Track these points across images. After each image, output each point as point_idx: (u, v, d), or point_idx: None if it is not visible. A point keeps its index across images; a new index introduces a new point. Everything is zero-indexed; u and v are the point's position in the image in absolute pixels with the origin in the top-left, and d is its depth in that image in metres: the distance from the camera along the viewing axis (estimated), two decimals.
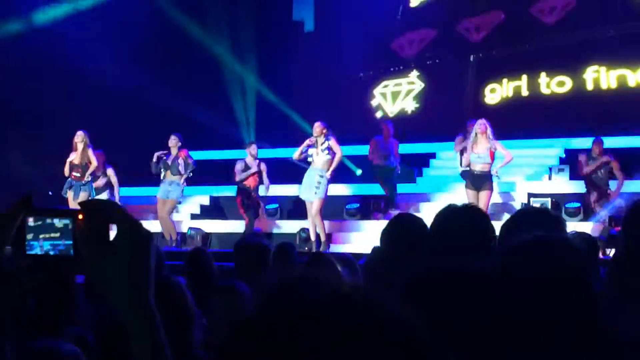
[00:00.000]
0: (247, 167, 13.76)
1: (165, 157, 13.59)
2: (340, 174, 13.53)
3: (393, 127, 14.17)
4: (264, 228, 14.14)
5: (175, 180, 13.45)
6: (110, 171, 14.04)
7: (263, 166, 13.79)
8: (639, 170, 13.49)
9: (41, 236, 1.48)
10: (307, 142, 12.78)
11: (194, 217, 15.78)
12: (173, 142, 13.56)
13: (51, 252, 1.48)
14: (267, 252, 5.66)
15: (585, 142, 13.79)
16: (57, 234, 1.47)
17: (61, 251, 1.47)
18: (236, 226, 14.26)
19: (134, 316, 1.38)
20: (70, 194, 13.35)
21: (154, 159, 13.62)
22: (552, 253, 2.00)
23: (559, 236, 2.13)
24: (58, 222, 1.47)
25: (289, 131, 17.41)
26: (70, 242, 1.47)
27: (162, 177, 13.61)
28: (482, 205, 11.79)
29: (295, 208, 15.43)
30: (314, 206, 12.52)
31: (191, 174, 13.60)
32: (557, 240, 2.07)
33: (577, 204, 13.42)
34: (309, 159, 12.81)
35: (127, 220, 1.41)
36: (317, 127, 12.77)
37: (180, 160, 13.45)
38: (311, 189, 12.57)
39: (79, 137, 13.38)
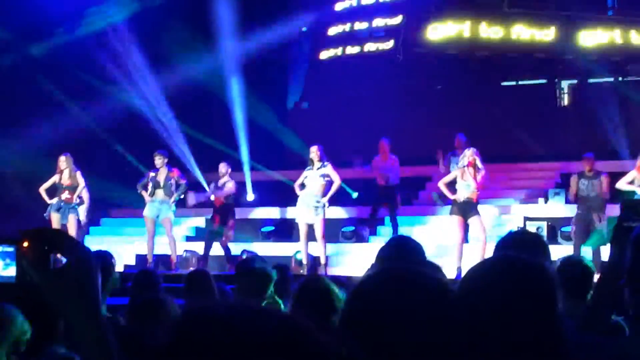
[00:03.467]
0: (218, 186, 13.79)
1: (154, 175, 13.51)
2: (336, 196, 13.50)
3: (389, 143, 14.09)
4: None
5: (166, 200, 13.37)
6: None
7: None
8: None
9: None
10: (305, 172, 12.82)
11: (189, 239, 15.77)
12: (159, 160, 13.48)
13: None
14: (270, 278, 5.64)
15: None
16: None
17: (1, 278, 1.52)
18: (231, 249, 14.21)
19: (86, 329, 1.48)
20: (55, 216, 13.25)
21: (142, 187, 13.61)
22: (512, 273, 1.96)
23: (526, 258, 2.02)
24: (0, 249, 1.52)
25: (281, 154, 17.47)
26: (9, 270, 1.51)
27: (150, 195, 13.45)
28: (479, 230, 11.77)
29: (291, 230, 15.43)
30: (317, 228, 12.46)
31: (182, 195, 13.58)
32: (521, 261, 2.01)
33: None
34: (305, 181, 12.77)
35: (70, 243, 1.50)
36: (314, 151, 12.73)
37: (173, 181, 13.40)
38: (310, 211, 12.52)
39: (65, 162, 13.31)
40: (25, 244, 1.48)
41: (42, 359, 3.41)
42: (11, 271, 1.53)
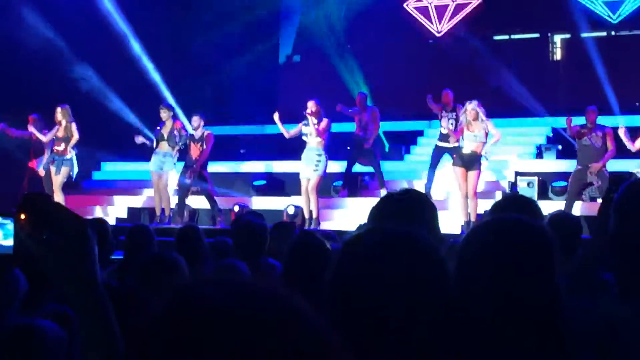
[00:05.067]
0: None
1: (159, 127, 13.51)
2: (327, 151, 13.50)
3: (365, 96, 13.99)
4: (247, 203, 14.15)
5: (169, 152, 13.37)
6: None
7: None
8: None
9: None
10: (300, 127, 12.79)
11: (177, 193, 15.82)
12: (165, 113, 13.46)
13: None
14: (266, 233, 5.67)
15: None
16: None
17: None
18: (221, 202, 14.24)
19: (83, 299, 1.52)
20: (52, 169, 13.22)
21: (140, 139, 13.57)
22: (511, 234, 1.95)
23: (526, 219, 2.02)
24: None
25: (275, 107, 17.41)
26: (8, 240, 1.54)
27: (155, 149, 13.45)
28: (470, 185, 11.82)
29: (282, 185, 15.47)
30: (311, 182, 12.53)
31: (183, 146, 13.51)
32: (519, 221, 2.00)
33: (564, 183, 13.43)
34: (304, 137, 12.78)
35: (68, 215, 1.53)
36: (312, 105, 12.69)
37: (176, 132, 13.38)
38: (310, 167, 12.59)
39: (61, 114, 13.24)
40: (22, 216, 1.51)
41: (38, 315, 3.44)
42: (9, 242, 1.56)
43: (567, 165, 13.89)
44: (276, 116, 13.12)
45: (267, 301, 0.99)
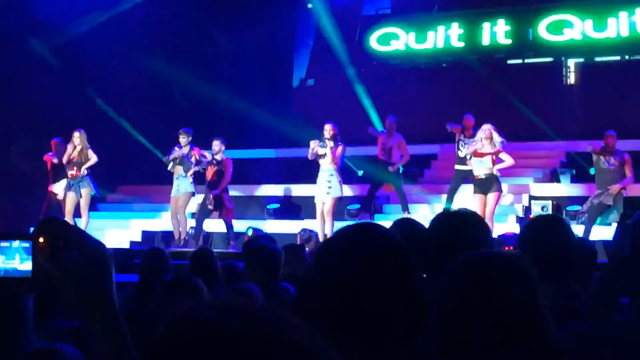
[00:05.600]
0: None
1: (178, 149, 13.56)
2: (342, 175, 13.52)
3: (395, 120, 14.05)
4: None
5: (181, 174, 13.42)
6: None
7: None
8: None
9: None
10: (313, 143, 12.78)
11: (194, 216, 15.83)
12: (184, 138, 13.51)
13: (9, 274, 1.58)
14: (279, 257, 5.67)
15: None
16: (14, 257, 1.56)
17: (16, 273, 1.55)
18: (235, 226, 14.26)
19: (100, 322, 1.52)
20: (71, 195, 13.28)
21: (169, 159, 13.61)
22: (491, 269, 2.01)
23: (499, 253, 2.12)
24: (16, 245, 1.55)
25: (289, 132, 17.46)
26: (25, 264, 1.55)
27: (173, 171, 13.52)
28: (489, 207, 11.84)
29: (297, 208, 15.47)
30: (326, 206, 12.56)
31: (203, 170, 13.54)
32: (494, 256, 2.07)
33: (578, 207, 13.40)
34: (319, 160, 12.85)
35: (86, 240, 1.54)
36: (330, 129, 12.80)
37: (193, 159, 13.44)
38: (323, 190, 12.64)
39: (78, 138, 13.31)
40: (41, 240, 1.52)
41: (48, 332, 3.46)
42: (27, 266, 1.57)
43: (582, 190, 13.86)
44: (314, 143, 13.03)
45: (268, 325, 1.00)
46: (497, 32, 17.90)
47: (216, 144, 13.60)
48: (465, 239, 2.65)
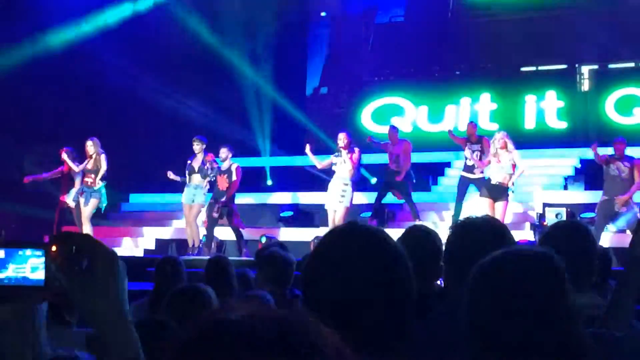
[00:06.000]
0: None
1: (190, 161, 13.58)
2: (356, 182, 13.52)
3: (396, 130, 14.06)
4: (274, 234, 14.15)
5: (200, 184, 13.44)
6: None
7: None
8: None
9: (10, 267, 1.56)
10: (331, 158, 12.92)
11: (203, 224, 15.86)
12: (197, 146, 13.52)
13: (20, 283, 1.57)
14: (292, 264, 5.66)
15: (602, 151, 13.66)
16: (26, 265, 1.56)
17: (27, 281, 1.56)
18: (248, 233, 14.27)
19: (112, 336, 1.52)
20: (81, 200, 13.34)
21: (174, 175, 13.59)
22: (519, 267, 1.97)
23: (532, 249, 2.07)
24: (28, 253, 1.56)
25: (303, 139, 17.49)
26: (36, 273, 1.55)
27: (187, 181, 13.50)
28: (499, 216, 11.77)
29: (310, 216, 15.46)
30: (338, 214, 12.58)
31: (214, 177, 13.56)
32: (526, 253, 2.03)
33: (592, 214, 13.34)
34: (333, 168, 12.90)
35: (99, 249, 1.54)
36: (343, 138, 12.86)
37: (208, 165, 13.45)
38: (336, 198, 12.67)
39: (92, 147, 13.38)
40: (54, 248, 1.53)
41: (65, 340, 3.47)
42: (39, 274, 1.57)
43: (595, 197, 13.78)
44: (308, 148, 13.23)
45: (293, 329, 1.00)
46: None
47: (223, 152, 13.59)
48: (490, 245, 2.62)
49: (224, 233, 14.20)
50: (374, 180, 15.53)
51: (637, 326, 2.90)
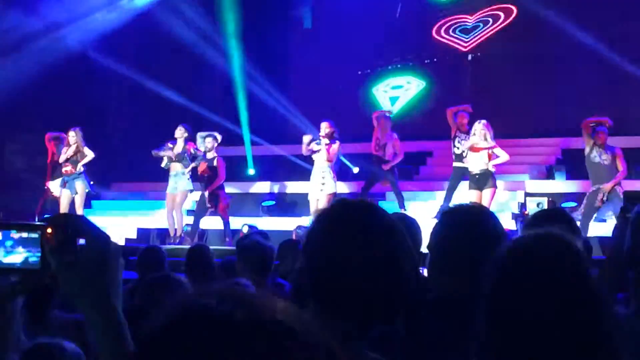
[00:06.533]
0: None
1: (171, 147, 13.49)
2: (337, 172, 13.52)
3: (390, 118, 14.08)
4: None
5: (180, 172, 13.41)
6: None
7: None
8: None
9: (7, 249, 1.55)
10: (306, 138, 12.86)
11: (189, 213, 15.82)
12: (180, 132, 13.46)
13: (17, 265, 1.56)
14: (273, 253, 5.65)
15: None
16: (24, 248, 1.54)
17: (27, 264, 1.54)
18: (231, 223, 14.25)
19: (100, 325, 1.50)
20: (66, 192, 13.32)
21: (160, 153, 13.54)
22: (551, 250, 1.88)
23: (558, 233, 1.95)
24: (25, 236, 1.54)
25: (284, 128, 17.47)
26: (35, 255, 1.54)
27: (169, 170, 13.47)
28: (485, 203, 11.81)
29: (292, 205, 15.46)
30: (320, 203, 12.57)
31: (197, 165, 13.52)
32: (553, 236, 1.93)
33: (574, 203, 13.41)
34: (313, 156, 12.90)
35: (95, 233, 1.52)
36: (326, 127, 12.84)
37: (192, 152, 13.42)
38: (317, 187, 12.68)
39: (74, 137, 13.36)
40: (49, 230, 1.51)
41: (45, 324, 3.46)
42: (13, 258, 1.56)
43: (577, 186, 13.87)
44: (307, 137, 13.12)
45: (267, 311, 0.99)
46: None
47: (209, 141, 13.60)
48: (481, 233, 2.61)
49: (207, 222, 14.18)
50: (356, 170, 15.53)
51: (621, 312, 2.91)
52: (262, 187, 16.42)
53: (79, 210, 13.23)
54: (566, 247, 1.88)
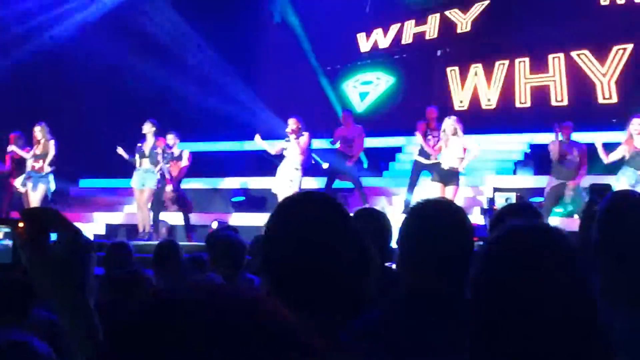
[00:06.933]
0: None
1: (140, 144, 13.41)
2: (307, 167, 13.52)
3: (350, 113, 14.12)
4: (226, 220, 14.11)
5: (151, 169, 13.31)
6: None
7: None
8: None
9: None
10: (259, 139, 12.94)
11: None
12: (148, 127, 13.35)
13: None
14: (244, 248, 5.64)
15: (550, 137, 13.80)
16: None
17: None
18: (200, 219, 14.21)
19: (71, 319, 1.50)
20: (29, 186, 13.21)
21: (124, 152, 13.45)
22: (545, 240, 1.81)
23: (544, 225, 1.91)
24: None
25: (254, 124, 17.41)
26: (6, 249, 1.52)
27: (137, 165, 13.32)
28: (450, 198, 11.87)
29: (261, 201, 15.43)
30: None
31: (168, 163, 13.47)
32: (548, 227, 1.88)
33: (541, 199, 13.50)
34: (284, 153, 12.90)
35: (67, 228, 1.51)
36: (293, 123, 12.84)
37: (159, 150, 13.33)
38: (286, 183, 12.64)
39: (40, 132, 13.26)
40: (21, 224, 1.50)
41: (26, 322, 3.43)
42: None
43: (545, 181, 13.94)
44: (258, 138, 13.16)
45: (242, 302, 0.98)
46: None
47: (171, 138, 13.59)
48: (448, 228, 2.61)
49: (175, 218, 14.13)
50: (325, 165, 15.53)
51: None
52: (232, 182, 16.37)
53: None
54: (562, 238, 1.83)
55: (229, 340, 0.94)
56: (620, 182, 11.33)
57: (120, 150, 13.46)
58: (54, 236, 1.50)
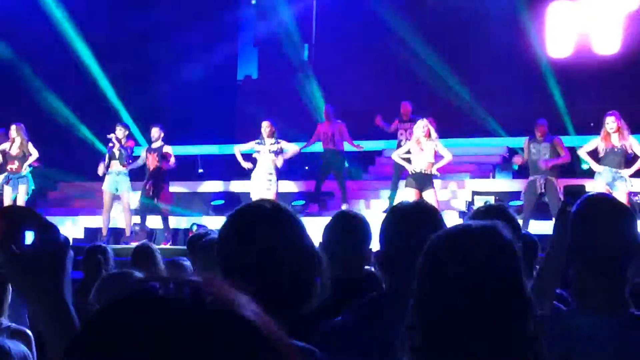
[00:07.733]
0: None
1: (112, 145, 13.33)
2: (286, 171, 13.52)
3: (332, 108, 14.10)
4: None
5: (122, 171, 13.25)
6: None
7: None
8: None
9: None
10: (253, 144, 12.89)
11: (136, 212, 15.69)
12: (121, 132, 13.28)
13: None
14: None
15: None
16: None
17: None
18: (179, 222, 14.18)
19: (46, 319, 1.49)
20: (8, 189, 13.12)
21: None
22: (477, 242, 1.83)
23: (486, 224, 1.90)
24: None
25: (233, 127, 17.41)
26: None
27: (110, 168, 13.23)
28: (432, 202, 11.82)
29: (240, 204, 15.40)
30: None
31: (131, 161, 13.40)
32: (483, 228, 1.88)
33: (520, 202, 13.56)
34: (255, 155, 12.83)
35: (43, 225, 1.50)
36: (267, 126, 12.77)
37: (129, 151, 13.28)
38: (264, 186, 12.59)
39: (16, 132, 13.19)
40: None
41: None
42: None
43: (524, 185, 14.02)
44: (237, 151, 13.12)
45: (208, 293, 0.98)
46: None
47: (155, 131, 13.48)
48: (424, 229, 2.63)
49: (154, 222, 14.09)
50: (305, 168, 15.57)
51: (560, 308, 2.96)
52: (211, 186, 16.34)
53: None
54: (497, 236, 1.86)
55: (177, 334, 0.93)
56: (597, 181, 11.40)
57: (101, 170, 13.32)
58: (31, 235, 1.48)
